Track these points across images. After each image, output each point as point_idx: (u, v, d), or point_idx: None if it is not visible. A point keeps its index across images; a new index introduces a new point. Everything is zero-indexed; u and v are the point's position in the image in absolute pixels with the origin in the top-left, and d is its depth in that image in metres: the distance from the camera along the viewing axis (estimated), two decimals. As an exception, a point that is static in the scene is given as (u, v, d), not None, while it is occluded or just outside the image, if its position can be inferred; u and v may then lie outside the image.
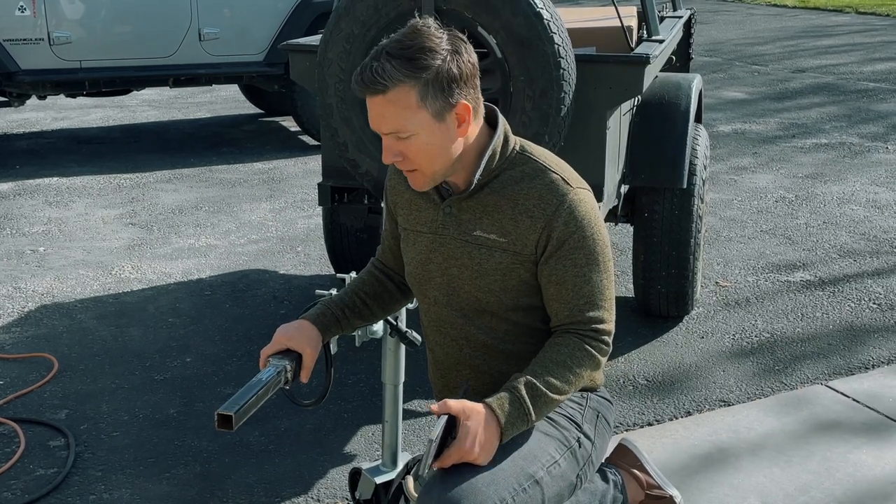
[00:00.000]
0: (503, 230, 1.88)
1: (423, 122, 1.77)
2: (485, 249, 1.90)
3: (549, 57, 3.05)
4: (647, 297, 3.97)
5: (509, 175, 1.89)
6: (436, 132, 1.79)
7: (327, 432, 3.25)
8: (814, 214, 5.60)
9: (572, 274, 1.86)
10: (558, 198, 1.85)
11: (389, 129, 1.79)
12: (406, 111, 1.76)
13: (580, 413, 2.00)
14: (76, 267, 4.83)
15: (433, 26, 1.78)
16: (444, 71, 1.75)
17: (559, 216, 1.84)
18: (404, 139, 1.79)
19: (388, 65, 1.73)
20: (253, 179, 6.48)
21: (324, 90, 3.30)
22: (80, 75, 6.71)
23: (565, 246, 1.85)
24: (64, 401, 3.46)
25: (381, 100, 1.76)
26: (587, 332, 1.89)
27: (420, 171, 1.84)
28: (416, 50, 1.74)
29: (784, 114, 8.48)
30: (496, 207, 1.89)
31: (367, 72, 1.74)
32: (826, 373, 3.63)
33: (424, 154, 1.81)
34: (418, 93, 1.74)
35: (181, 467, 3.03)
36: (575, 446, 1.95)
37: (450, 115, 1.79)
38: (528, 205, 1.86)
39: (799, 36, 13.53)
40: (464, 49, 1.80)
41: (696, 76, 4.07)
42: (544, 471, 1.85)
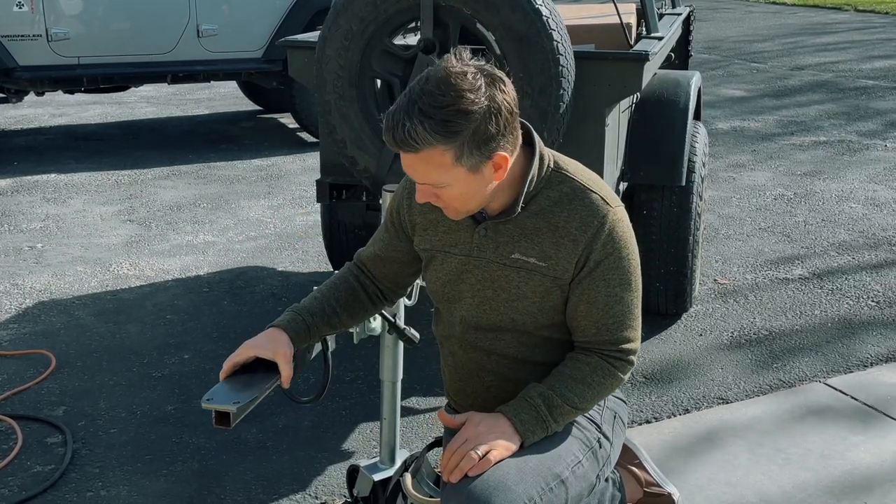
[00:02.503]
0: (544, 254, 1.85)
1: (457, 177, 1.73)
2: (524, 272, 1.87)
3: (548, 54, 3.04)
4: (646, 294, 3.95)
5: (547, 196, 1.85)
6: (471, 183, 1.75)
7: (325, 429, 3.25)
8: (812, 212, 5.60)
9: (604, 294, 1.85)
10: (599, 219, 1.82)
11: (422, 181, 1.75)
12: (440, 169, 1.71)
13: (599, 413, 2.01)
14: (74, 263, 4.82)
15: (470, 72, 1.67)
16: (481, 133, 1.68)
17: (599, 237, 1.82)
18: (439, 188, 1.76)
19: (420, 127, 1.65)
20: (251, 176, 6.47)
21: (322, 87, 3.29)
22: (78, 72, 6.70)
23: (601, 267, 1.83)
24: (61, 397, 3.45)
25: (414, 157, 1.71)
26: (612, 353, 1.89)
27: (454, 209, 1.82)
28: (452, 112, 1.65)
29: (783, 111, 8.47)
30: (535, 231, 1.85)
31: (398, 130, 1.67)
32: (824, 370, 3.63)
33: (459, 200, 1.78)
34: (454, 154, 1.69)
35: (178, 464, 3.03)
36: (596, 446, 1.95)
37: (486, 166, 1.74)
38: (569, 228, 1.83)
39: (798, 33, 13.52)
40: (501, 97, 1.70)
41: (696, 73, 4.07)
42: (569, 471, 1.86)
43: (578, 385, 1.86)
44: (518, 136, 1.79)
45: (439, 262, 1.96)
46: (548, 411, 1.83)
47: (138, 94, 9.26)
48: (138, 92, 9.27)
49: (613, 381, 1.90)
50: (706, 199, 4.54)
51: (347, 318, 2.06)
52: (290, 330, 1.95)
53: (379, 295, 2.12)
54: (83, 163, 6.80)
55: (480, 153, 1.71)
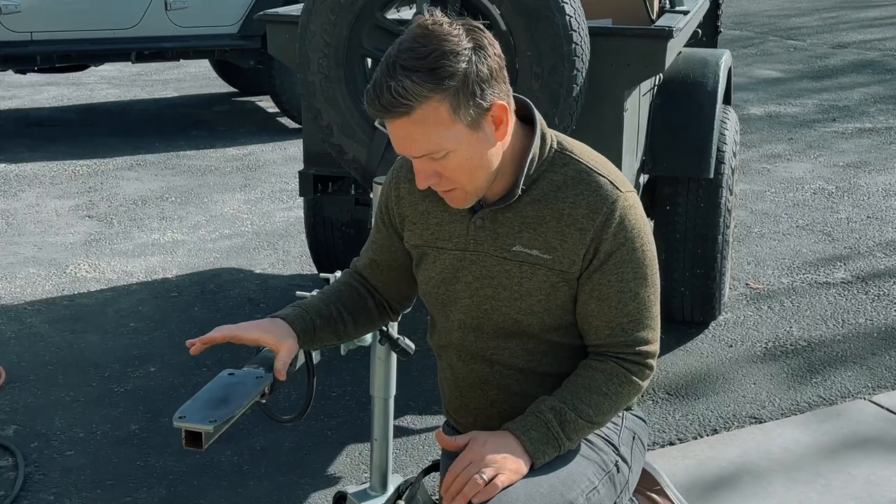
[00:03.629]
0: (548, 245, 1.84)
1: (458, 136, 1.72)
2: (526, 267, 1.86)
3: (560, 30, 3.04)
4: (669, 300, 3.97)
5: (550, 180, 1.85)
6: (474, 143, 1.74)
7: (308, 451, 3.25)
8: (856, 208, 5.61)
9: (617, 290, 1.85)
10: (609, 205, 1.82)
11: (421, 151, 1.74)
12: (438, 128, 1.70)
13: (616, 434, 2.00)
14: (26, 265, 4.82)
15: (445, 22, 1.71)
16: (473, 74, 1.69)
17: (609, 226, 1.82)
18: (440, 159, 1.75)
19: (407, 81, 1.66)
20: (225, 167, 6.48)
21: (305, 66, 3.29)
22: (30, 48, 6.69)
23: (612, 259, 1.83)
24: (12, 415, 3.45)
25: (407, 122, 1.70)
26: (629, 356, 1.89)
27: (461, 188, 1.80)
28: (437, 57, 1.67)
29: (823, 94, 8.48)
30: (538, 219, 1.85)
31: (384, 93, 1.67)
32: (869, 385, 3.64)
33: (464, 170, 1.77)
34: (449, 105, 1.69)
35: (144, 490, 3.03)
36: (613, 471, 1.95)
37: (486, 120, 1.74)
38: (576, 216, 1.83)
39: (840, 6, 13.54)
40: (486, 42, 1.74)
41: (725, 52, 4.08)
42: (584, 497, 1.86)
43: (593, 396, 1.86)
44: (510, 91, 1.81)
45: (431, 260, 1.96)
46: (560, 428, 1.83)
47: (98, 74, 9.26)
48: (98, 72, 9.28)
49: (632, 389, 1.90)
50: (737, 194, 4.55)
51: (353, 328, 2.06)
52: (296, 326, 1.94)
53: (385, 305, 2.12)
54: (36, 151, 6.80)
55: (477, 102, 1.71)
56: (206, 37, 7.12)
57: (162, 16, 6.95)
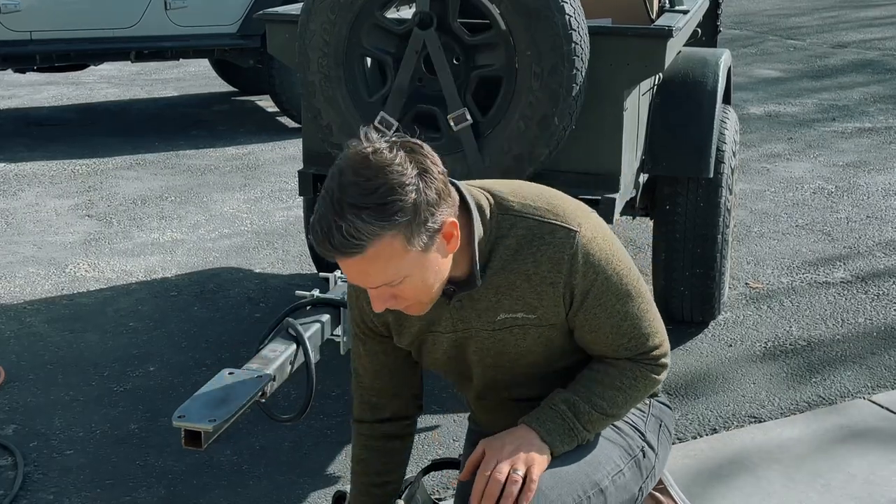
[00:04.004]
0: (529, 306, 1.87)
1: (413, 263, 1.70)
2: (517, 329, 1.89)
3: (560, 29, 3.04)
4: (669, 299, 3.97)
5: (505, 246, 1.84)
6: (429, 264, 1.73)
7: (308, 450, 3.25)
8: (856, 207, 5.61)
9: (605, 318, 1.88)
10: (569, 252, 1.82)
11: (377, 283, 1.73)
12: (393, 261, 1.68)
13: (643, 421, 2.04)
14: (25, 264, 4.82)
15: (384, 148, 1.66)
16: (423, 202, 1.66)
17: (576, 270, 1.83)
18: (397, 285, 1.74)
19: (358, 221, 1.61)
20: (225, 166, 6.47)
21: (305, 66, 3.29)
22: (30, 48, 6.68)
23: (591, 295, 1.85)
24: (11, 415, 3.45)
25: (360, 260, 1.67)
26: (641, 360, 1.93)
27: (416, 303, 1.81)
28: (385, 192, 1.63)
29: (823, 94, 8.48)
30: (510, 285, 1.86)
31: (334, 234, 1.63)
32: (869, 385, 3.64)
33: (421, 289, 1.76)
34: (403, 237, 1.66)
35: (143, 490, 3.03)
36: (639, 456, 1.99)
37: (437, 240, 1.72)
38: (542, 273, 1.83)
39: (839, 6, 13.53)
40: (429, 162, 1.69)
41: (725, 51, 4.07)
42: (609, 479, 1.89)
43: (607, 390, 1.89)
44: (455, 196, 1.77)
45: (430, 345, 1.98)
46: (575, 418, 1.87)
47: (98, 74, 9.25)
48: (98, 71, 9.27)
49: (647, 383, 1.93)
50: (736, 193, 4.55)
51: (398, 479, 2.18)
52: None
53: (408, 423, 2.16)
54: (35, 151, 6.80)
55: (428, 228, 1.68)
56: (206, 36, 7.11)
57: (161, 15, 6.94)
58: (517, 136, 3.15)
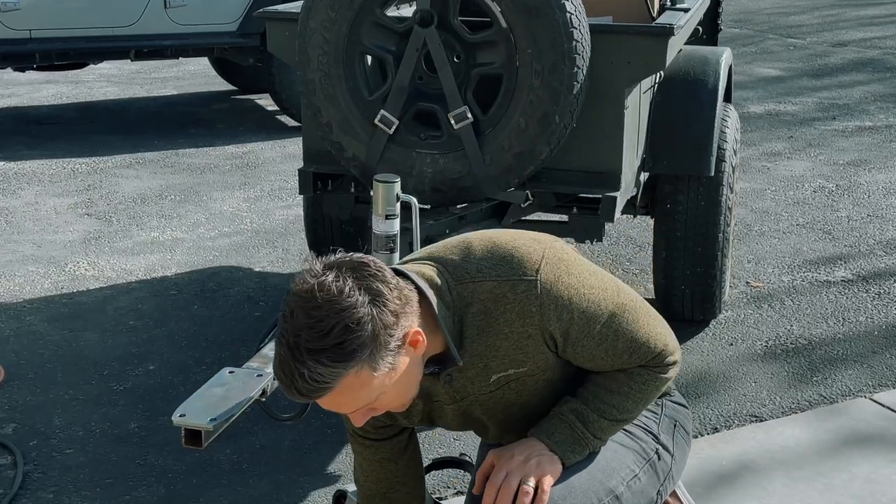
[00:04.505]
0: (516, 362, 1.85)
1: (384, 383, 1.69)
2: (514, 383, 1.89)
3: (561, 27, 3.04)
4: (669, 298, 3.97)
5: (472, 314, 1.81)
6: (400, 377, 1.72)
7: (308, 450, 3.24)
8: (856, 206, 5.60)
9: (596, 345, 1.85)
10: (535, 303, 1.79)
11: (352, 409, 1.73)
12: (364, 389, 1.67)
13: (656, 423, 2.02)
14: (25, 263, 4.82)
15: (328, 279, 1.62)
16: (381, 329, 1.63)
17: (547, 317, 1.79)
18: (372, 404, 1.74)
19: (319, 366, 1.60)
20: (225, 165, 6.47)
21: (305, 64, 3.29)
22: (29, 46, 6.67)
23: (572, 333, 1.83)
24: (11, 414, 3.45)
25: (330, 398, 1.68)
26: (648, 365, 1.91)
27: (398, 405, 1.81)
28: (340, 332, 1.60)
29: (823, 93, 8.48)
30: (492, 349, 1.84)
31: (298, 380, 1.62)
32: (870, 384, 3.63)
33: (396, 400, 1.77)
34: (368, 367, 1.65)
35: (143, 489, 3.02)
36: (654, 459, 1.97)
37: (403, 353, 1.70)
38: (515, 328, 1.81)
39: (839, 5, 13.52)
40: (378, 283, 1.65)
41: (726, 50, 4.07)
42: (624, 485, 1.88)
43: (615, 396, 1.88)
44: (413, 300, 1.73)
45: (438, 413, 1.97)
46: (584, 427, 1.86)
47: (97, 72, 9.25)
48: (97, 70, 9.26)
49: (657, 384, 1.91)
50: (737, 192, 4.54)
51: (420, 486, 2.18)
52: None
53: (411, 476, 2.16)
54: (35, 149, 6.79)
55: (392, 349, 1.66)
56: (206, 35, 7.11)
57: (161, 14, 6.93)
58: (518, 135, 3.15)
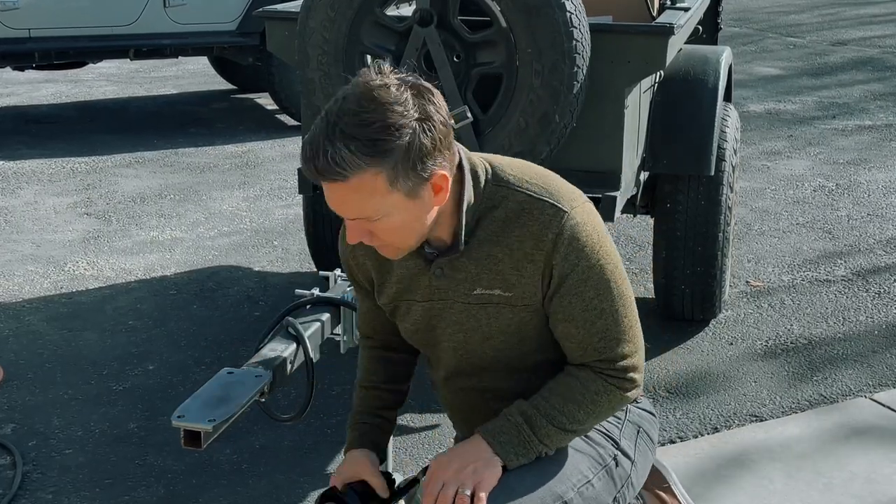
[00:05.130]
0: (507, 283, 1.82)
1: (394, 204, 1.69)
2: (491, 308, 1.85)
3: (561, 26, 3.03)
4: (670, 298, 3.96)
5: (493, 217, 1.81)
6: (410, 209, 1.71)
7: (308, 450, 3.24)
8: (856, 205, 5.60)
9: (580, 309, 1.81)
10: (554, 231, 1.78)
11: (354, 215, 1.72)
12: (374, 197, 1.67)
13: (617, 428, 1.99)
14: (24, 262, 4.81)
15: (393, 84, 1.65)
16: (415, 148, 1.65)
17: (558, 250, 1.78)
18: (374, 221, 1.72)
19: (345, 150, 1.61)
20: (224, 164, 6.46)
21: (305, 63, 3.28)
22: (28, 45, 6.67)
23: (569, 281, 1.80)
24: (10, 414, 3.44)
25: (342, 187, 1.66)
26: (608, 370, 1.85)
27: (391, 245, 1.79)
28: (379, 129, 1.62)
29: (823, 92, 8.48)
30: (492, 259, 1.82)
31: (319, 157, 1.63)
32: (870, 383, 3.63)
33: (397, 232, 1.74)
34: (387, 177, 1.65)
35: (142, 489, 3.02)
36: (611, 465, 1.93)
37: (425, 188, 1.71)
38: (525, 248, 1.79)
39: (839, 3, 13.52)
40: (433, 109, 1.68)
41: (726, 49, 4.07)
42: (574, 491, 1.84)
43: (568, 404, 1.83)
44: (455, 152, 1.76)
45: (403, 312, 1.96)
46: (531, 431, 1.82)
47: (97, 72, 9.24)
48: (97, 69, 9.26)
49: (611, 399, 1.86)
50: (737, 191, 4.54)
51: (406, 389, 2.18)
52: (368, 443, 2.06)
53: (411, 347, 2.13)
54: (34, 148, 6.79)
55: (417, 174, 1.67)
56: (205, 34, 7.11)
57: (160, 13, 6.93)
58: (518, 134, 3.14)
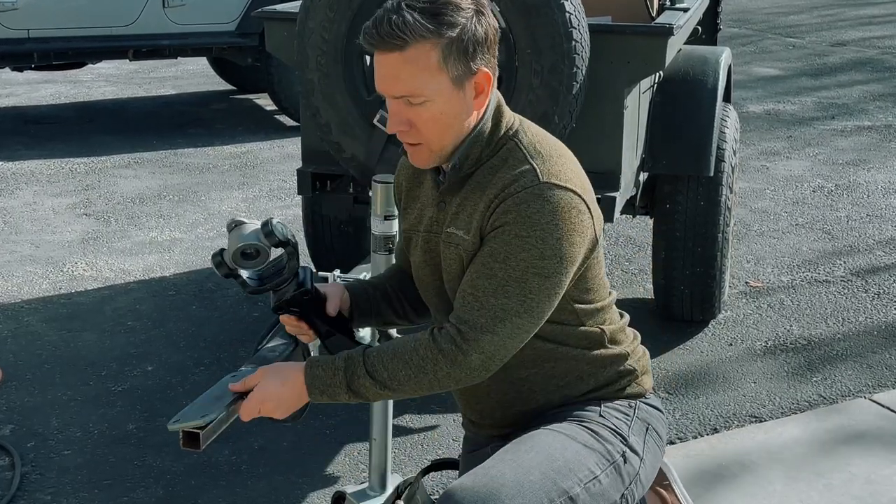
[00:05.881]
0: (468, 225, 1.85)
1: (440, 87, 1.77)
2: (452, 248, 1.88)
3: (560, 27, 3.03)
4: (669, 298, 3.96)
5: (490, 165, 1.86)
6: (452, 100, 1.79)
7: (307, 451, 3.24)
8: (856, 206, 5.60)
9: (480, 262, 1.81)
10: (518, 187, 1.79)
11: (402, 91, 1.78)
12: (425, 72, 1.76)
13: (626, 424, 1.98)
14: (23, 263, 4.81)
15: None
16: (470, 31, 1.76)
17: (507, 202, 1.79)
18: (416, 105, 1.78)
19: (409, 17, 1.73)
20: (223, 165, 6.46)
21: (304, 64, 3.28)
22: (27, 46, 6.67)
23: (494, 233, 1.80)
24: (9, 414, 3.44)
25: (398, 57, 1.75)
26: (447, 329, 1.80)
27: (426, 145, 1.83)
28: (442, 4, 1.75)
29: (822, 92, 8.48)
30: (469, 200, 1.86)
31: (383, 24, 1.74)
32: (870, 384, 3.63)
33: (436, 124, 1.80)
34: (440, 52, 1.75)
35: (141, 490, 3.02)
36: (619, 461, 1.93)
37: (469, 82, 1.80)
38: (490, 193, 1.82)
39: (838, 4, 13.53)
40: (487, 11, 1.81)
41: (725, 50, 4.07)
42: (581, 487, 1.83)
43: (394, 361, 1.79)
44: (496, 67, 1.85)
45: (413, 245, 2.01)
46: (345, 376, 1.81)
47: (96, 72, 9.24)
48: (96, 69, 9.26)
49: (438, 371, 1.78)
50: (736, 192, 4.54)
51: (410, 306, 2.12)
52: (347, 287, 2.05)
53: None
54: (33, 149, 6.78)
55: (466, 63, 1.77)
56: (204, 34, 7.11)
57: (159, 13, 6.93)
58: (517, 135, 3.13)
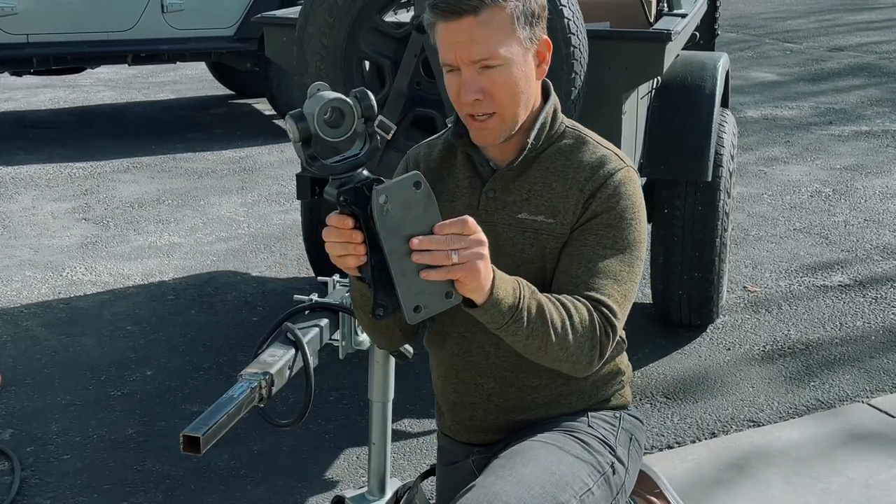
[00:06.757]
0: (553, 209, 1.88)
1: (513, 51, 1.81)
2: (530, 233, 1.88)
3: (559, 32, 3.04)
4: (667, 303, 3.97)
5: (558, 148, 1.92)
6: (523, 65, 1.83)
7: (306, 455, 3.24)
8: (853, 211, 5.61)
9: (591, 250, 1.84)
10: (609, 169, 1.88)
11: (480, 54, 1.80)
12: (500, 34, 1.79)
13: (613, 435, 1.99)
14: (22, 268, 4.81)
15: None
16: (530, 4, 1.82)
17: (606, 188, 1.86)
18: (492, 69, 1.80)
19: None
20: (222, 169, 6.47)
21: (303, 69, 3.29)
22: (26, 51, 6.68)
23: (597, 219, 1.85)
24: (8, 419, 3.44)
25: (473, 21, 1.78)
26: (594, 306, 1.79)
27: (500, 114, 1.85)
28: None
29: (820, 97, 8.49)
30: (545, 186, 1.89)
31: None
32: (867, 388, 3.64)
33: (509, 90, 1.83)
34: (512, 15, 1.80)
35: (141, 494, 3.02)
36: (609, 472, 1.94)
37: (532, 48, 1.85)
38: (578, 177, 1.88)
39: (836, 9, 13.55)
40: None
41: (723, 55, 4.08)
42: (577, 499, 1.84)
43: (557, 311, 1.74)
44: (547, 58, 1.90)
45: None
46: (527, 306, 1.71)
47: (95, 77, 9.25)
48: (95, 74, 9.26)
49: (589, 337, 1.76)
50: (735, 197, 4.55)
51: None
52: None
53: None
54: (32, 154, 6.79)
55: (531, 27, 1.83)
56: (203, 39, 7.12)
57: (158, 18, 6.94)
58: (516, 140, 3.14)
